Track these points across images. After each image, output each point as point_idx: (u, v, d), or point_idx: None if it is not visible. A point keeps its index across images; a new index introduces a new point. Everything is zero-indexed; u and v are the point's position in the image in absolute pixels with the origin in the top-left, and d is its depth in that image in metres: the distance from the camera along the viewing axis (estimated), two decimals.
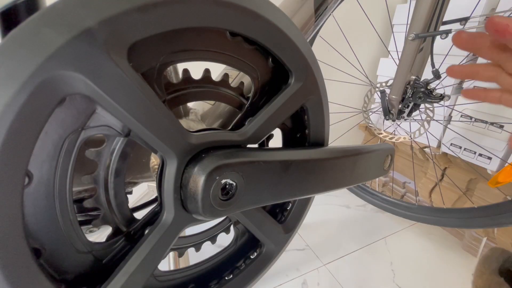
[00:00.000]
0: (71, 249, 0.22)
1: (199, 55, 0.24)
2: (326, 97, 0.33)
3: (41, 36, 0.16)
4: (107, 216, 0.24)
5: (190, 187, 0.24)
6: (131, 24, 0.18)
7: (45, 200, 0.20)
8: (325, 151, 0.33)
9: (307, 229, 1.33)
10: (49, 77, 0.16)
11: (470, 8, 0.76)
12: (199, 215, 0.25)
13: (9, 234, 0.17)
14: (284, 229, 0.36)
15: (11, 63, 0.15)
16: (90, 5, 0.17)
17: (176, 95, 0.26)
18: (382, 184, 1.49)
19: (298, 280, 0.98)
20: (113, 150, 0.23)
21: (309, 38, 0.41)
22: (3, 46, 0.15)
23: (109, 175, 0.23)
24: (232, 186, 0.26)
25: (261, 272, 0.35)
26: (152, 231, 0.24)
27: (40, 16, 0.16)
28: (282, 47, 0.26)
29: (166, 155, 0.23)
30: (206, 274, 0.33)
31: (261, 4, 0.24)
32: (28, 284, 0.18)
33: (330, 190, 0.35)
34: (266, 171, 0.28)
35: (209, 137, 0.26)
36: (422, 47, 0.73)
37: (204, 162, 0.24)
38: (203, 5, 0.21)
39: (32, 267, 0.19)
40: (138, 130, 0.21)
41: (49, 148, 0.19)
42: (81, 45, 0.16)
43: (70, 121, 0.19)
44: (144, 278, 0.24)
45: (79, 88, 0.17)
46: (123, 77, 0.19)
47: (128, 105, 0.20)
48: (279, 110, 0.29)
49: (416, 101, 0.80)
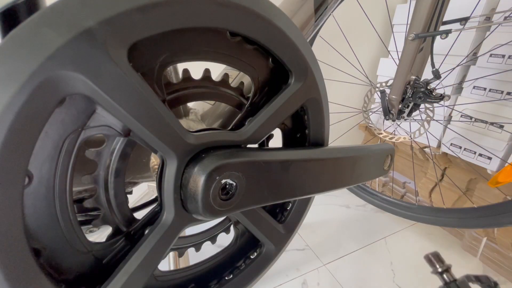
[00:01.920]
0: (71, 249, 0.22)
1: (199, 55, 0.24)
2: (326, 97, 0.33)
3: (41, 36, 0.16)
4: (107, 216, 0.24)
5: (190, 187, 0.24)
6: (131, 24, 0.18)
7: (45, 200, 0.20)
8: (325, 151, 0.33)
9: (307, 229, 1.33)
10: (49, 77, 0.16)
11: (470, 8, 0.76)
12: (199, 215, 0.25)
13: (9, 234, 0.17)
14: (284, 229, 0.36)
15: (11, 63, 0.15)
16: (90, 5, 0.16)
17: (176, 95, 0.26)
18: (382, 184, 1.49)
19: (298, 280, 0.98)
20: (113, 150, 0.23)
21: (309, 38, 0.41)
22: (3, 46, 0.15)
23: (109, 175, 0.23)
24: (232, 186, 0.26)
25: (261, 272, 0.35)
26: (152, 231, 0.24)
27: (40, 16, 0.16)
28: (282, 47, 0.26)
29: (166, 155, 0.23)
30: (206, 274, 0.33)
31: (261, 4, 0.24)
32: (28, 284, 0.18)
33: (331, 190, 0.35)
34: (266, 171, 0.28)
35: (209, 137, 0.26)
36: (422, 47, 0.73)
37: (204, 162, 0.24)
38: (203, 5, 0.21)
39: (32, 267, 0.19)
40: (138, 130, 0.21)
41: (49, 148, 0.19)
42: (81, 45, 0.16)
43: (70, 121, 0.19)
44: (144, 278, 0.24)
45: (79, 88, 0.17)
46: (123, 77, 0.19)
47: (128, 105, 0.20)
48: (279, 110, 0.29)
49: (416, 101, 0.80)
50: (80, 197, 0.28)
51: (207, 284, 0.33)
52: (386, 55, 1.17)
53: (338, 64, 1.08)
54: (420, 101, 0.80)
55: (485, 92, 0.83)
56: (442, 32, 0.65)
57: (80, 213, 0.28)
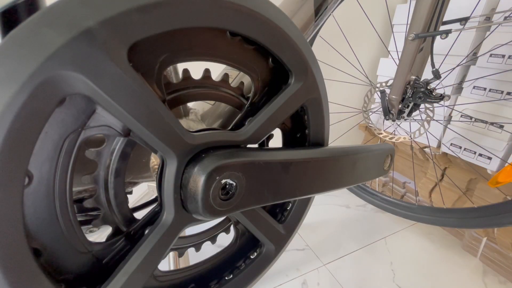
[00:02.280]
0: (71, 249, 0.22)
1: (199, 55, 0.24)
2: (326, 97, 0.33)
3: (41, 36, 0.16)
4: (107, 216, 0.24)
5: (190, 187, 0.24)
6: (131, 24, 0.18)
7: (45, 200, 0.20)
8: (325, 151, 0.33)
9: (307, 229, 1.32)
10: (49, 77, 0.16)
11: (470, 8, 0.76)
12: (199, 215, 0.25)
13: (9, 234, 0.17)
14: (284, 229, 0.36)
15: (11, 63, 0.15)
16: (90, 5, 0.17)
17: (176, 95, 0.26)
18: (382, 184, 1.48)
19: (298, 280, 0.98)
20: (113, 150, 0.23)
21: (309, 38, 0.41)
22: (3, 46, 0.15)
23: (109, 175, 0.23)
24: (232, 186, 0.26)
25: (261, 272, 0.35)
26: (152, 231, 0.24)
27: (40, 16, 0.16)
28: (282, 47, 0.26)
29: (166, 155, 0.23)
30: (206, 274, 0.33)
31: (260, 4, 0.24)
32: (28, 284, 0.18)
33: (330, 190, 0.35)
34: (266, 171, 0.28)
35: (209, 137, 0.26)
36: (422, 47, 0.74)
37: (204, 162, 0.24)
38: (202, 5, 0.21)
39: (33, 267, 0.19)
40: (138, 130, 0.21)
41: (49, 148, 0.19)
42: (81, 45, 0.16)
43: (70, 121, 0.19)
44: (144, 278, 0.24)
45: (79, 88, 0.17)
46: (123, 77, 0.19)
47: (128, 105, 0.20)
48: (279, 110, 0.29)
49: (416, 101, 0.80)
50: (80, 197, 0.28)
51: (207, 284, 0.33)
52: (386, 55, 1.17)
53: (338, 64, 1.08)
54: (420, 101, 0.79)
55: (485, 92, 0.83)
56: (442, 32, 0.65)
57: (80, 213, 0.28)
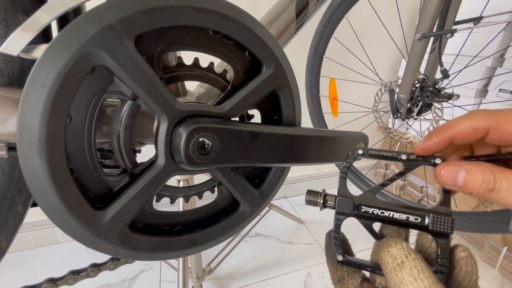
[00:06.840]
0: (92, 175, 0.32)
1: (189, 47, 0.34)
2: (295, 84, 0.41)
3: (83, 28, 0.26)
4: (118, 158, 0.34)
5: (176, 142, 0.33)
6: (136, 22, 0.27)
7: (78, 136, 0.30)
8: (291, 129, 0.40)
9: (317, 225, 1.36)
10: (86, 52, 0.26)
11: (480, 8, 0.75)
12: (183, 164, 0.34)
13: (57, 155, 0.27)
14: (259, 194, 0.44)
15: (67, 42, 0.25)
16: (112, 10, 0.27)
17: (171, 75, 0.35)
18: (399, 188, 1.47)
19: (303, 272, 1.03)
20: (124, 110, 0.33)
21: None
22: (62, 33, 0.26)
23: (121, 127, 0.33)
24: (209, 145, 0.34)
25: (236, 226, 0.43)
26: (148, 171, 0.34)
27: (83, 16, 0.26)
28: (252, 42, 0.35)
29: (160, 117, 0.33)
30: (192, 220, 0.42)
31: (232, 9, 0.33)
32: (66, 188, 0.28)
33: (297, 164, 0.42)
34: (237, 137, 0.36)
35: (194, 107, 0.34)
36: (434, 47, 0.75)
37: (187, 123, 0.33)
38: (187, 10, 0.30)
39: (69, 178, 0.29)
40: (142, 96, 0.31)
41: (83, 101, 0.29)
42: (105, 34, 0.26)
43: (97, 85, 0.29)
44: (139, 204, 0.33)
45: (103, 61, 0.27)
46: (132, 57, 0.28)
47: (135, 76, 0.29)
48: (252, 91, 0.37)
49: (424, 99, 0.80)
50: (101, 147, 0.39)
51: (192, 229, 0.41)
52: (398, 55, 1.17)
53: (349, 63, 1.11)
54: (428, 100, 0.80)
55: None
56: (447, 32, 0.66)
57: (100, 158, 0.38)
